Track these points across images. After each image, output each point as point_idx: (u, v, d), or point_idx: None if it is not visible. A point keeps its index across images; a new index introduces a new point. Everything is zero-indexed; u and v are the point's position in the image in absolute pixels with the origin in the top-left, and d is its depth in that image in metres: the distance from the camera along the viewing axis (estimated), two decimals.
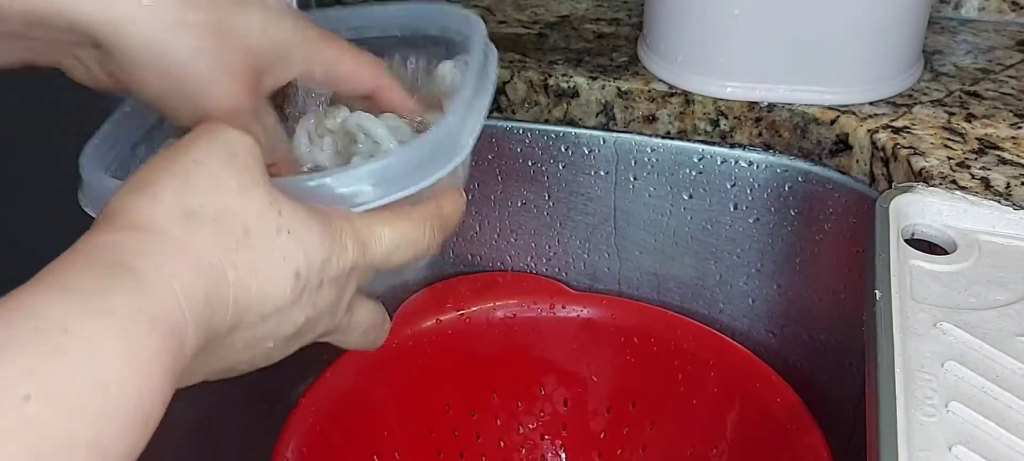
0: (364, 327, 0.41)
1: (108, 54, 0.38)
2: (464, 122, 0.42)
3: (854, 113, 0.62)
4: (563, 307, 0.71)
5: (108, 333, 0.27)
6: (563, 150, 0.70)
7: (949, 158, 0.56)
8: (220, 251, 0.31)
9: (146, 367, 0.28)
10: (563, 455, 0.73)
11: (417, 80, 0.51)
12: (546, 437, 0.73)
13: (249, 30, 0.40)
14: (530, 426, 0.73)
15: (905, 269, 0.46)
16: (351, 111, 0.45)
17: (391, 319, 0.44)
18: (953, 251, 0.49)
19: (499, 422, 0.72)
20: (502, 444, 0.73)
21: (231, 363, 0.35)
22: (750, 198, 0.67)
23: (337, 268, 0.36)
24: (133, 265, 0.29)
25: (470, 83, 0.44)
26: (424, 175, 0.39)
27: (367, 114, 0.45)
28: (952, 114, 0.61)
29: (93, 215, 0.38)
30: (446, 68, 0.49)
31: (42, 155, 0.44)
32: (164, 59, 0.38)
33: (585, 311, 0.71)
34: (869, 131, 0.60)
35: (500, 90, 0.68)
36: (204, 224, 0.32)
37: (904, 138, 0.58)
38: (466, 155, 0.41)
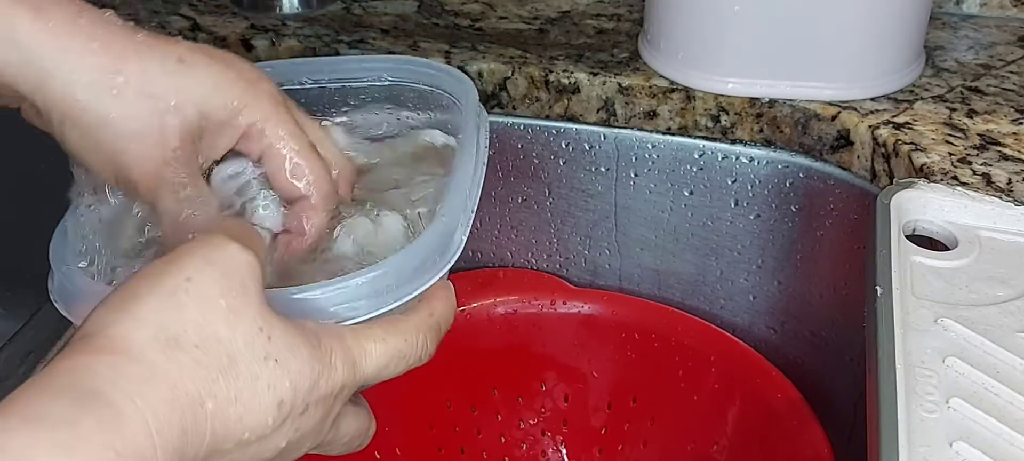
0: (348, 438, 0.39)
1: (34, 107, 0.38)
2: (458, 218, 0.40)
3: (855, 109, 0.61)
4: (564, 303, 0.71)
5: None
6: (564, 146, 0.70)
7: (950, 154, 0.56)
8: (200, 380, 0.30)
9: None
10: (564, 451, 0.73)
11: (398, 133, 0.49)
12: (547, 433, 0.73)
13: (185, 97, 0.39)
14: (531, 422, 0.73)
15: (906, 265, 0.46)
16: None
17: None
18: (954, 247, 0.49)
19: (500, 418, 0.72)
20: (503, 440, 0.73)
21: None
22: (751, 194, 0.67)
23: (324, 390, 0.34)
24: (106, 394, 0.28)
25: (464, 172, 0.42)
26: (419, 282, 0.38)
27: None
28: (953, 110, 0.61)
29: (63, 313, 0.38)
30: (436, 137, 0.48)
31: (41, 153, 0.43)
32: (84, 116, 0.37)
33: (586, 307, 0.71)
34: (870, 127, 0.60)
35: (501, 86, 0.68)
36: (186, 351, 0.30)
37: (905, 134, 0.58)
38: (459, 253, 0.40)
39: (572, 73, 0.67)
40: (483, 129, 0.45)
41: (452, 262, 0.39)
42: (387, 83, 0.50)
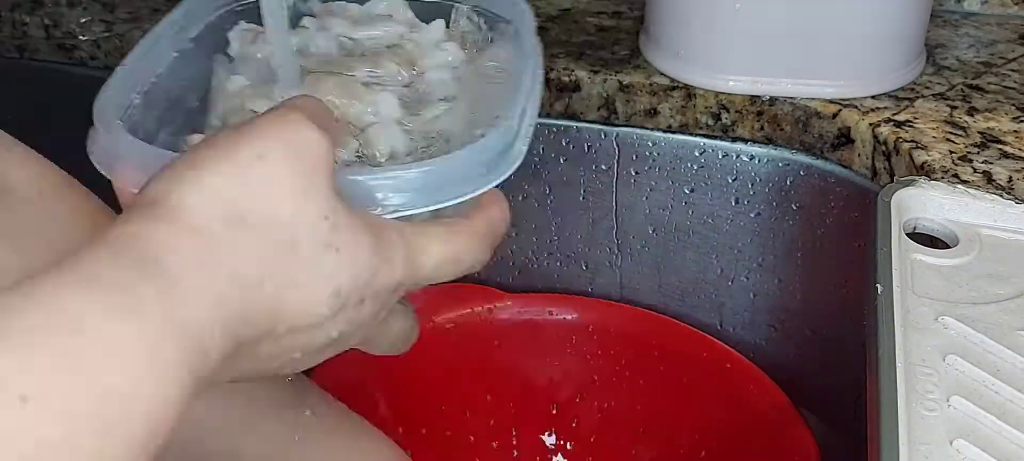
0: (393, 337, 0.39)
1: None
2: (518, 125, 0.38)
3: (856, 107, 0.61)
4: (557, 311, 0.71)
5: (129, 336, 0.25)
6: (564, 144, 0.70)
7: (951, 152, 0.56)
8: (262, 261, 0.29)
9: (166, 378, 0.25)
10: (554, 459, 0.73)
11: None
12: (540, 438, 0.73)
13: None
14: (523, 428, 0.73)
15: (907, 263, 0.46)
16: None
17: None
18: (955, 245, 0.49)
19: (492, 423, 0.72)
20: (495, 446, 0.72)
21: (252, 371, 0.32)
22: (751, 192, 0.67)
23: (381, 284, 0.33)
24: (167, 263, 0.27)
25: (523, 83, 0.41)
26: (481, 181, 0.36)
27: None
28: (954, 108, 0.61)
29: (101, 171, 0.36)
30: (500, 54, 0.46)
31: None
32: None
33: (578, 315, 0.71)
34: (871, 125, 0.60)
35: None
36: (250, 229, 0.29)
37: (906, 132, 0.58)
38: (520, 163, 0.38)
39: (573, 71, 0.67)
40: (539, 50, 0.44)
41: (514, 167, 0.37)
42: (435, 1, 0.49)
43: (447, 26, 0.48)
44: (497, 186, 0.37)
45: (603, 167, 0.70)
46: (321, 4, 0.49)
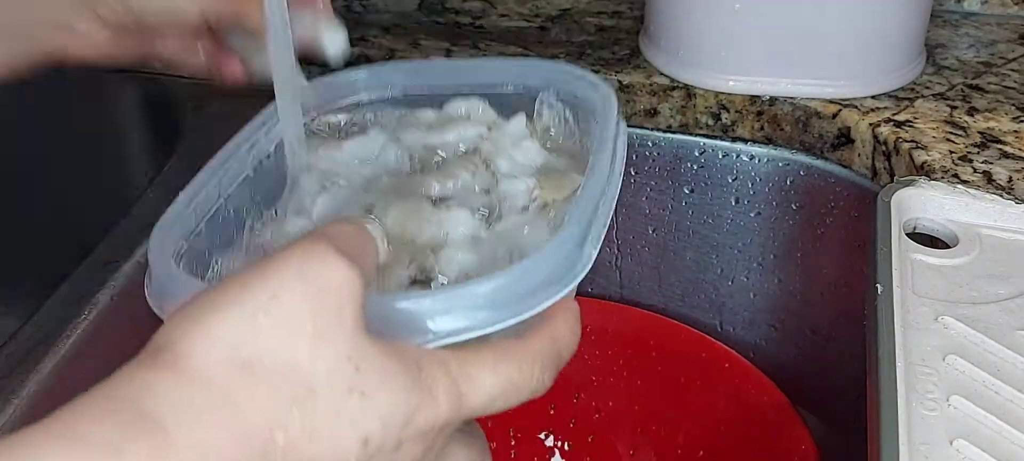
0: None
1: None
2: (590, 228, 0.35)
3: (856, 107, 0.61)
4: None
5: None
6: None
7: (951, 152, 0.56)
8: (271, 411, 0.27)
9: None
10: (552, 459, 0.73)
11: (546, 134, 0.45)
12: (538, 438, 0.73)
13: None
14: (521, 429, 0.73)
15: (907, 263, 0.46)
16: None
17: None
18: (955, 245, 0.49)
19: (490, 424, 0.72)
20: (493, 446, 0.72)
21: None
22: (751, 192, 0.67)
23: (423, 425, 0.30)
24: (162, 419, 0.25)
25: (598, 180, 0.37)
26: (541, 297, 0.32)
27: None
28: (954, 108, 0.61)
29: (156, 311, 0.33)
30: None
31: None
32: None
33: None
34: (871, 125, 0.60)
35: None
36: (260, 377, 0.27)
37: (906, 132, 0.58)
38: (588, 269, 0.34)
39: None
40: (621, 139, 0.40)
41: (580, 278, 0.34)
42: (510, 92, 0.46)
43: (530, 118, 0.45)
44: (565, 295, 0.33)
45: None
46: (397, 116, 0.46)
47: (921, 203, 0.51)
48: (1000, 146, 0.56)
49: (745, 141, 0.66)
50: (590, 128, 0.43)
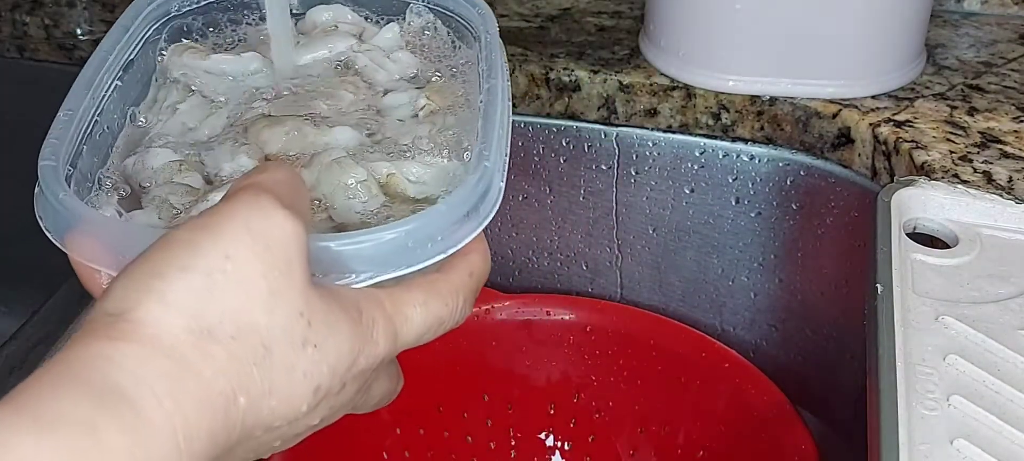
0: (376, 400, 0.36)
1: None
2: (498, 160, 0.36)
3: (856, 107, 0.61)
4: (555, 311, 0.71)
5: None
6: (564, 144, 0.70)
7: (951, 152, 0.56)
8: (234, 375, 0.27)
9: None
10: (552, 459, 0.73)
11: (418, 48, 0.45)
12: (538, 438, 0.73)
13: None
14: (521, 428, 0.73)
15: (907, 263, 0.46)
16: None
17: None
18: (955, 245, 0.49)
19: (490, 424, 0.72)
20: (492, 446, 0.72)
21: None
22: (752, 192, 0.67)
23: (364, 366, 0.31)
24: (130, 392, 0.25)
25: (496, 111, 0.38)
26: (462, 233, 0.33)
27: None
28: (954, 108, 0.61)
29: (53, 241, 0.33)
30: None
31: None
32: None
33: (576, 315, 0.71)
34: (871, 125, 0.60)
35: None
36: (221, 343, 0.27)
37: (906, 132, 0.58)
38: (499, 203, 0.35)
39: (573, 71, 0.67)
40: (504, 59, 0.41)
41: (494, 212, 0.35)
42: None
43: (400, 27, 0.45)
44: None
45: (603, 167, 0.70)
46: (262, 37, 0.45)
47: (921, 203, 0.51)
48: (1000, 146, 0.56)
49: (745, 141, 0.66)
50: (464, 39, 0.44)
